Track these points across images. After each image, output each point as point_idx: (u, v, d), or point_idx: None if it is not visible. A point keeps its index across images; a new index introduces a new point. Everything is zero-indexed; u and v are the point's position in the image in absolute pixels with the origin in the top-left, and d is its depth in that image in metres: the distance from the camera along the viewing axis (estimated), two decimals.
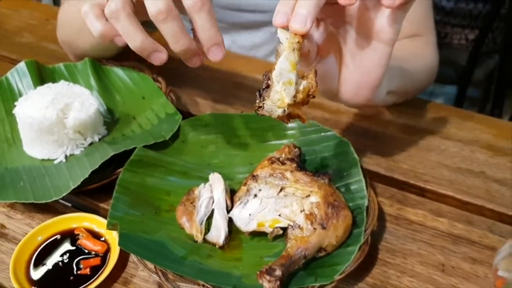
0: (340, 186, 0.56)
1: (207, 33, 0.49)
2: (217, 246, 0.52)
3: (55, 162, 0.62)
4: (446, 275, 0.52)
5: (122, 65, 0.76)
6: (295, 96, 0.45)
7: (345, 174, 0.57)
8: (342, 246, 0.50)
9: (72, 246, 0.53)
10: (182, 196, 0.56)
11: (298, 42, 0.44)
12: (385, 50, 0.49)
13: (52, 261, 0.52)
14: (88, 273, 0.51)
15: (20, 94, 0.71)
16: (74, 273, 0.51)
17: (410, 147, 0.68)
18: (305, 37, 0.44)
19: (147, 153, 0.60)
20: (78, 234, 0.54)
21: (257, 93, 0.46)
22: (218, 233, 0.53)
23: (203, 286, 0.47)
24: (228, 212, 0.55)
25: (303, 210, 0.50)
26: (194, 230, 0.53)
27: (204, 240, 0.53)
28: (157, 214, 0.55)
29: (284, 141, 0.63)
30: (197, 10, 0.48)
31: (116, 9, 0.48)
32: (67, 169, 0.60)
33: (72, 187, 0.56)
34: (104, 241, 0.54)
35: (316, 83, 0.45)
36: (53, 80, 0.73)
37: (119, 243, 0.48)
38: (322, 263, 0.49)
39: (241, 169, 0.61)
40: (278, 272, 0.45)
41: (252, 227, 0.52)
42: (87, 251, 0.53)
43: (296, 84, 0.45)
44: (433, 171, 0.64)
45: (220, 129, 0.66)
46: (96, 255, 0.52)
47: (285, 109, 0.45)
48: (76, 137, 0.64)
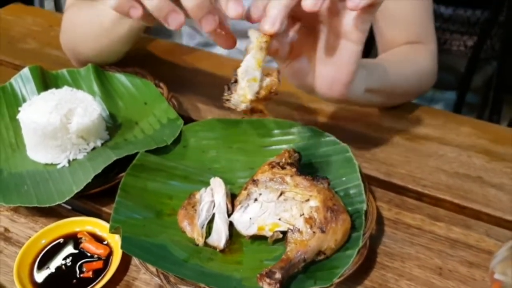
0: (339, 191, 0.57)
1: None
2: (218, 250, 0.53)
3: (58, 166, 0.63)
4: (443, 279, 0.52)
5: (124, 71, 0.77)
6: (258, 92, 0.48)
7: (344, 178, 0.58)
8: (341, 250, 0.51)
9: (75, 249, 0.54)
10: (184, 200, 0.57)
11: (266, 41, 0.47)
12: (354, 49, 0.51)
13: (55, 264, 0.53)
14: (91, 276, 0.51)
15: (24, 100, 0.72)
16: (77, 276, 0.52)
17: (408, 152, 0.68)
18: (273, 37, 0.47)
19: (149, 158, 0.61)
20: (81, 238, 0.55)
21: (226, 87, 0.49)
22: (219, 237, 0.54)
23: None
24: (229, 216, 0.56)
25: (303, 214, 0.51)
26: (196, 233, 0.54)
27: (205, 244, 0.54)
28: (159, 218, 0.56)
29: (284, 146, 0.64)
30: None
31: None
32: (70, 173, 0.61)
33: (75, 192, 0.57)
34: (107, 244, 0.54)
35: (279, 81, 0.49)
36: (57, 86, 0.74)
37: (121, 247, 0.49)
38: (321, 266, 0.50)
39: (242, 174, 0.62)
40: (278, 275, 0.46)
41: (252, 231, 0.53)
42: (89, 255, 0.54)
43: (260, 81, 0.48)
44: (431, 176, 0.64)
45: (221, 134, 0.67)
46: (99, 259, 0.53)
47: (248, 104, 0.48)
48: (79, 142, 0.64)
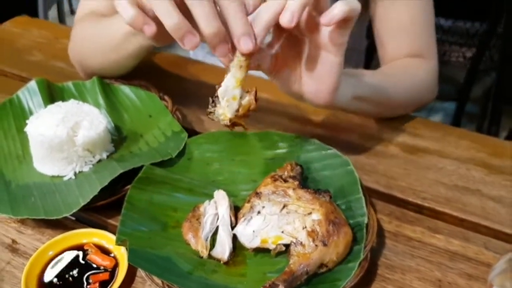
0: (341, 204, 0.58)
1: (239, 21, 0.48)
2: (222, 262, 0.54)
3: (65, 178, 0.65)
4: None
5: (129, 83, 0.79)
6: (237, 110, 0.52)
7: (345, 192, 0.59)
8: (342, 262, 0.52)
9: (81, 261, 0.55)
10: (188, 213, 0.58)
11: (245, 59, 0.50)
12: (334, 60, 0.54)
13: (62, 276, 0.54)
14: (97, 287, 0.53)
15: (31, 112, 0.73)
16: (84, 287, 0.53)
17: (408, 165, 0.70)
18: (251, 56, 0.50)
19: (154, 170, 0.62)
20: (87, 250, 0.56)
21: (210, 99, 0.53)
22: (223, 249, 0.55)
23: None
24: (233, 228, 0.57)
25: (305, 227, 0.52)
26: (200, 246, 0.55)
27: (209, 256, 0.55)
28: (164, 230, 0.57)
29: (286, 158, 0.65)
30: None
31: None
32: (76, 186, 0.63)
33: (82, 204, 0.58)
34: (113, 256, 0.55)
35: (256, 101, 0.52)
36: (63, 98, 0.75)
37: (128, 259, 0.50)
38: (324, 278, 0.51)
39: (245, 186, 0.63)
40: None
41: (255, 243, 0.54)
42: (96, 266, 0.55)
43: (241, 98, 0.52)
44: (430, 189, 0.66)
45: (224, 147, 0.68)
46: (105, 270, 0.54)
47: (228, 121, 0.52)
48: (85, 154, 0.66)
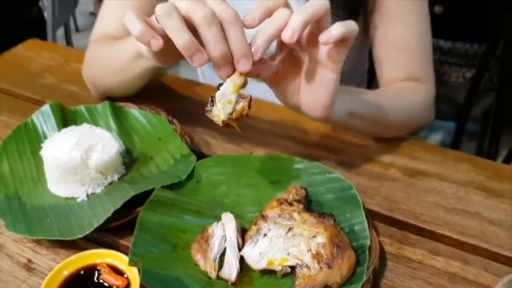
0: (345, 227, 0.61)
1: (239, 44, 0.53)
2: (229, 283, 0.56)
3: (78, 200, 0.67)
4: None
5: (139, 107, 0.82)
6: (231, 114, 0.55)
7: (348, 215, 0.62)
8: (346, 284, 0.54)
9: (95, 280, 0.57)
10: (197, 235, 0.60)
11: None
12: (332, 76, 0.58)
13: None
14: None
15: (45, 135, 0.76)
16: None
17: (409, 189, 0.72)
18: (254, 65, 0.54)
19: (165, 193, 0.64)
20: (100, 270, 0.58)
21: (209, 98, 0.56)
22: (230, 270, 0.57)
23: None
24: (240, 250, 0.59)
25: (310, 250, 0.54)
26: (208, 266, 0.57)
27: (218, 277, 0.57)
28: (174, 251, 0.59)
29: (291, 181, 0.68)
30: (233, 22, 0.52)
31: (170, 8, 0.52)
32: (89, 207, 0.65)
33: (95, 225, 0.61)
34: (125, 277, 0.58)
35: (249, 107, 0.56)
36: (75, 122, 0.78)
37: (141, 280, 0.52)
38: None
39: (251, 209, 0.66)
40: None
41: (262, 265, 0.56)
42: (109, 286, 0.57)
43: (236, 102, 0.55)
44: (430, 212, 0.68)
45: (231, 170, 0.71)
46: None
47: (221, 122, 0.56)
48: (98, 176, 0.68)
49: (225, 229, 0.61)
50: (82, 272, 0.58)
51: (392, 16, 0.83)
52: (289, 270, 0.55)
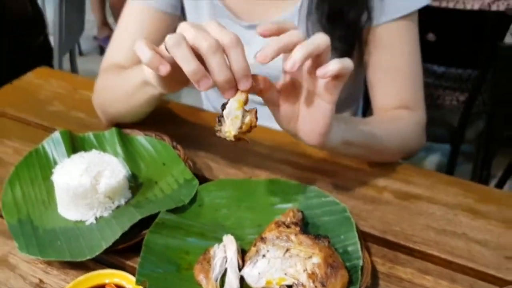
0: (339, 248, 0.64)
1: (240, 65, 0.58)
2: None
3: (87, 223, 0.71)
4: None
5: (145, 133, 0.86)
6: (240, 127, 0.60)
7: (342, 237, 0.66)
8: None
9: None
10: (200, 256, 0.64)
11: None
12: (327, 107, 0.63)
13: None
14: None
15: (55, 161, 0.80)
16: None
17: (401, 211, 0.76)
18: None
19: (169, 216, 0.68)
20: None
21: (216, 119, 0.61)
22: None
23: None
24: (240, 270, 0.62)
25: (306, 270, 0.58)
26: (210, 286, 0.61)
27: None
28: (178, 272, 0.63)
29: (289, 205, 0.72)
30: (235, 46, 0.57)
31: (179, 38, 0.57)
32: (98, 230, 0.69)
33: (104, 247, 0.64)
34: None
35: (256, 119, 0.60)
36: (84, 148, 0.82)
37: None
38: None
39: (251, 231, 0.69)
40: None
41: (261, 284, 0.60)
42: None
43: (243, 117, 0.59)
44: (421, 233, 0.72)
45: (232, 194, 0.75)
46: None
47: (232, 138, 0.60)
48: (106, 201, 0.72)
49: (226, 250, 0.64)
50: None
51: (385, 47, 0.88)
52: None
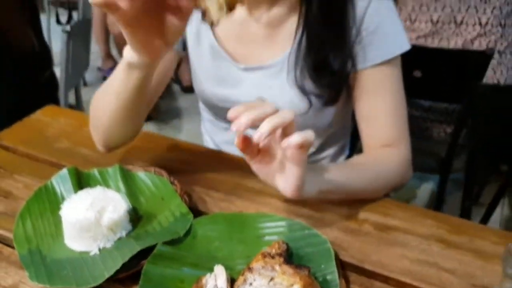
0: (319, 276, 0.71)
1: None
2: None
3: (91, 254, 0.77)
4: None
5: (145, 169, 0.93)
6: None
7: (322, 266, 0.72)
8: None
9: None
10: (193, 284, 0.71)
11: None
12: (297, 169, 0.69)
13: None
14: None
15: (62, 196, 0.87)
16: None
17: (379, 241, 0.82)
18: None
19: (166, 248, 0.75)
20: None
21: None
22: None
23: None
24: None
25: None
26: None
27: None
28: None
29: (275, 237, 0.79)
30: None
31: None
32: (101, 260, 0.75)
33: (106, 276, 0.71)
34: None
35: None
36: (89, 184, 0.89)
37: None
38: None
39: (240, 261, 0.76)
40: None
41: None
42: None
43: None
44: (396, 262, 0.78)
45: (224, 227, 0.81)
46: None
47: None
48: (109, 233, 0.79)
49: (216, 279, 0.71)
50: None
51: (369, 91, 0.95)
52: None
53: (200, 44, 1.02)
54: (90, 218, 0.77)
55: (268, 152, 0.72)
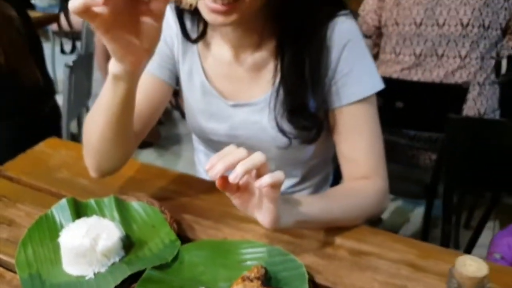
0: None
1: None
2: None
3: (87, 278, 0.84)
4: None
5: (138, 199, 1.01)
6: None
7: None
8: None
9: None
10: None
11: None
12: (271, 205, 0.77)
13: None
14: None
15: (61, 225, 0.95)
16: None
17: (352, 266, 0.89)
18: None
19: (154, 272, 0.82)
20: None
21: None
22: None
23: None
24: None
25: None
26: None
27: None
28: None
29: (255, 262, 0.86)
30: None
31: None
32: (96, 284, 0.82)
33: None
34: None
35: None
36: (86, 213, 0.97)
37: None
38: None
39: (223, 285, 0.82)
40: None
41: None
42: None
43: None
44: (367, 285, 0.85)
45: (209, 253, 0.88)
46: None
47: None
48: (103, 259, 0.86)
49: None
50: None
51: (346, 128, 1.02)
52: None
53: (192, 81, 1.11)
54: (86, 244, 0.84)
55: (247, 189, 0.80)
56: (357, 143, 1.03)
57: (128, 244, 0.92)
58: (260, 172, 0.74)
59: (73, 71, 1.91)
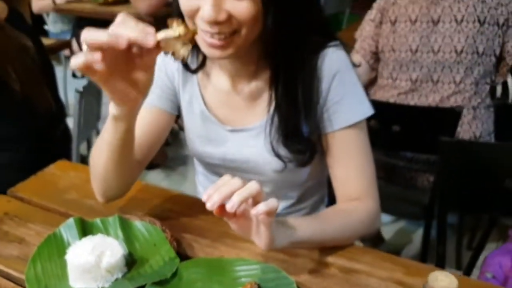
0: None
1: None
2: None
3: None
4: None
5: (141, 219, 1.07)
6: (185, 34, 0.76)
7: None
8: None
9: None
10: None
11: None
12: (266, 230, 0.82)
13: None
14: None
15: (69, 243, 1.01)
16: None
17: (343, 283, 0.94)
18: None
19: None
20: None
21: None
22: None
23: None
24: None
25: None
26: None
27: None
28: None
29: (249, 279, 0.91)
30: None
31: (125, 17, 0.72)
32: None
33: None
34: None
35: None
36: (92, 232, 1.03)
37: None
38: None
39: None
40: None
41: None
42: None
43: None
44: None
45: (206, 270, 0.93)
46: None
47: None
48: (107, 275, 0.92)
49: None
50: None
51: (338, 152, 1.07)
52: None
53: (192, 109, 1.17)
54: (91, 261, 0.90)
55: (244, 215, 0.84)
56: (349, 166, 1.08)
57: (131, 261, 0.98)
58: (256, 200, 0.80)
59: (83, 96, 1.99)
